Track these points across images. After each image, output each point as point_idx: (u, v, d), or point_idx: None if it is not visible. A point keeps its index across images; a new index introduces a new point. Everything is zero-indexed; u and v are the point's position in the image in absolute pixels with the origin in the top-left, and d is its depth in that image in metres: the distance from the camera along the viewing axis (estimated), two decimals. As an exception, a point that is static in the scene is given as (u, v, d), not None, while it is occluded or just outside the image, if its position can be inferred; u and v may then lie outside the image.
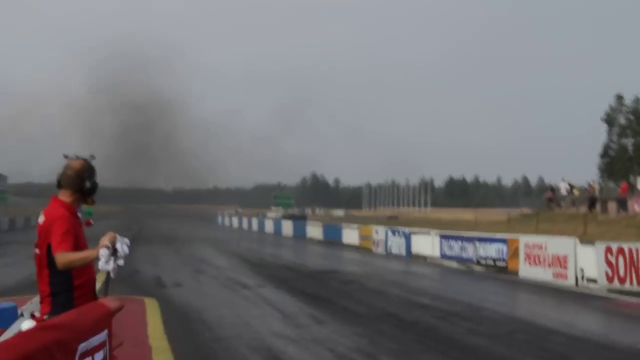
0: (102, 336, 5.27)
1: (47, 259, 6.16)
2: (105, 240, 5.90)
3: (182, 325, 14.61)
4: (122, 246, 5.92)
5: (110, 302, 5.82)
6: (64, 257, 6.03)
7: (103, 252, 5.86)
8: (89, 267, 6.14)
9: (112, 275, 6.02)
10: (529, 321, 15.15)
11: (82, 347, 4.72)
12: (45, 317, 6.12)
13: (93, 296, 6.21)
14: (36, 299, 8.55)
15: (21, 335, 4.29)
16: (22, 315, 7.67)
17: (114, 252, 5.90)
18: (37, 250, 6.24)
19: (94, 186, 6.43)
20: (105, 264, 5.86)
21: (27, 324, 5.94)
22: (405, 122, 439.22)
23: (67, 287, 6.13)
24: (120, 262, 5.91)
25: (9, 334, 6.03)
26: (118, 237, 5.97)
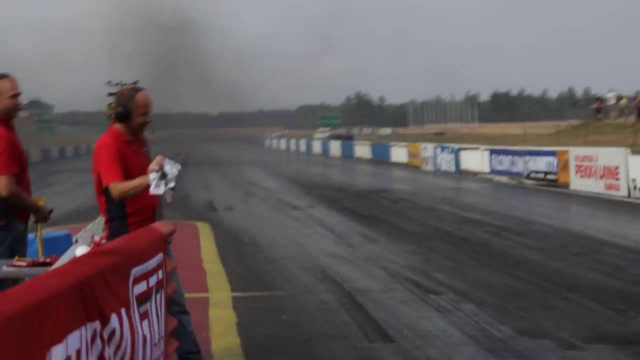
0: (156, 260, 5.30)
1: (99, 187, 6.25)
2: (154, 164, 5.90)
3: (235, 248, 14.74)
4: (172, 169, 5.91)
5: (163, 226, 5.83)
6: (116, 188, 6.11)
7: (152, 177, 5.87)
8: (144, 194, 6.09)
9: (167, 199, 6.05)
10: (582, 234, 15.09)
11: (135, 271, 4.75)
12: (103, 241, 6.23)
13: (151, 222, 6.16)
14: (90, 226, 8.65)
15: (75, 260, 4.33)
16: (76, 242, 7.77)
17: (163, 175, 5.90)
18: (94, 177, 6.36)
19: (126, 112, 6.30)
20: (155, 187, 5.86)
21: (81, 250, 6.01)
22: (447, 36, 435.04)
23: (121, 214, 6.23)
24: (172, 184, 5.89)
25: (63, 260, 6.11)
26: (166, 160, 5.95)
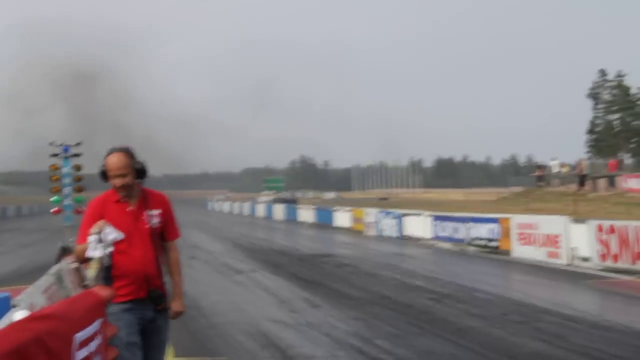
0: (96, 325, 5.25)
1: None
2: (94, 227, 5.91)
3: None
4: (111, 233, 5.91)
5: (102, 290, 5.80)
6: (75, 250, 6.11)
7: (90, 240, 5.90)
8: (129, 260, 6.07)
9: (104, 262, 6.03)
10: (523, 301, 15.17)
11: (79, 336, 4.69)
12: None
13: (141, 290, 6.13)
14: (30, 289, 8.52)
15: (12, 325, 4.25)
16: (15, 306, 7.63)
17: (100, 239, 5.90)
18: None
19: (102, 173, 6.23)
20: (92, 250, 5.89)
21: (20, 315, 5.91)
22: (392, 103, 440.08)
23: (107, 278, 6.10)
24: (108, 249, 5.91)
25: (0, 324, 6.01)
26: (106, 224, 5.94)
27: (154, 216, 6.25)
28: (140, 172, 6.24)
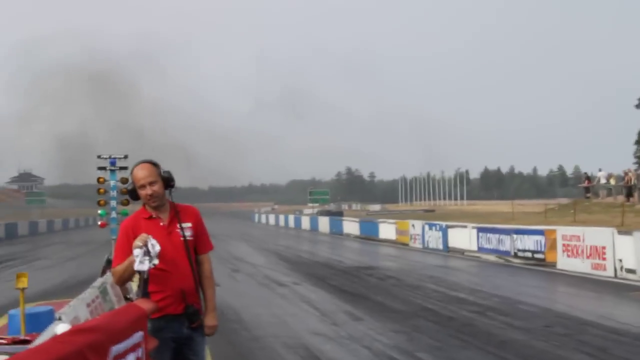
0: (136, 338, 5.30)
1: None
2: (137, 241, 5.87)
3: (219, 324, 14.66)
4: (155, 246, 5.92)
5: (145, 303, 5.84)
6: (113, 274, 6.12)
7: (136, 253, 5.89)
8: (168, 276, 6.05)
9: (143, 275, 6.05)
10: (567, 314, 15.07)
11: (115, 349, 4.75)
12: None
13: (178, 305, 6.08)
14: (74, 302, 8.63)
15: (54, 338, 4.32)
16: (59, 318, 7.74)
17: (147, 252, 5.91)
18: None
19: (132, 189, 6.23)
20: (140, 264, 5.86)
21: (62, 328, 6.00)
22: (438, 114, 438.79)
23: (144, 293, 6.05)
24: (155, 261, 5.90)
25: (43, 337, 6.10)
26: (150, 237, 5.96)
27: (186, 229, 6.18)
28: (167, 180, 6.19)
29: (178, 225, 6.16)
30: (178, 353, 6.14)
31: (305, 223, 75.64)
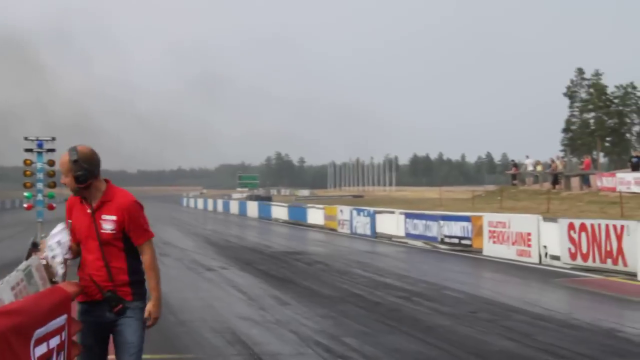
0: (59, 321, 5.20)
1: None
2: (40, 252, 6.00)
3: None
4: (54, 251, 5.99)
5: (69, 286, 5.76)
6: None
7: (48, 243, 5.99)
8: (82, 265, 6.08)
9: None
10: (492, 300, 15.20)
11: (38, 332, 4.64)
12: None
13: (96, 291, 6.01)
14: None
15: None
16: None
17: (54, 257, 5.99)
18: None
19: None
20: (60, 269, 5.98)
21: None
22: (368, 101, 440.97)
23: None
24: (64, 256, 6.01)
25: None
26: (49, 245, 6.02)
27: (108, 221, 6.02)
28: (76, 178, 5.96)
29: (101, 216, 6.02)
30: (106, 338, 6.11)
31: (234, 208, 75.55)
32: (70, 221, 6.14)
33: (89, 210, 6.03)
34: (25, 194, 25.94)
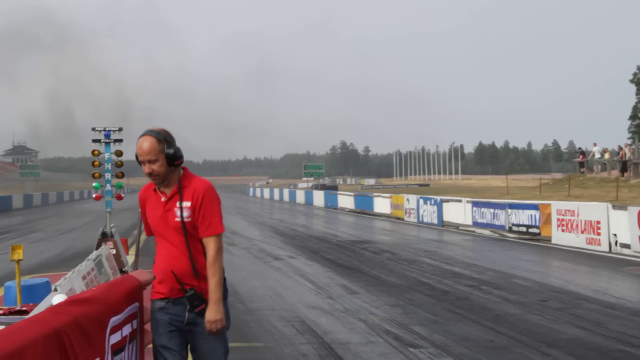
0: (132, 309, 5.30)
1: None
2: None
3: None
4: None
5: (141, 274, 5.82)
6: None
7: None
8: (160, 259, 5.61)
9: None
10: (562, 288, 15.09)
11: (114, 320, 4.75)
12: None
13: (176, 288, 5.51)
14: (69, 274, 8.62)
15: (51, 309, 4.30)
16: (55, 290, 7.74)
17: None
18: None
19: (137, 160, 5.67)
20: None
21: (58, 299, 5.98)
22: (433, 89, 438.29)
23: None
24: None
25: (40, 308, 6.08)
26: None
27: (185, 208, 5.55)
28: (171, 158, 5.53)
29: (177, 204, 5.59)
30: (186, 337, 5.58)
31: (300, 197, 75.71)
32: (140, 212, 5.84)
33: (163, 199, 5.62)
34: (94, 184, 26.30)
